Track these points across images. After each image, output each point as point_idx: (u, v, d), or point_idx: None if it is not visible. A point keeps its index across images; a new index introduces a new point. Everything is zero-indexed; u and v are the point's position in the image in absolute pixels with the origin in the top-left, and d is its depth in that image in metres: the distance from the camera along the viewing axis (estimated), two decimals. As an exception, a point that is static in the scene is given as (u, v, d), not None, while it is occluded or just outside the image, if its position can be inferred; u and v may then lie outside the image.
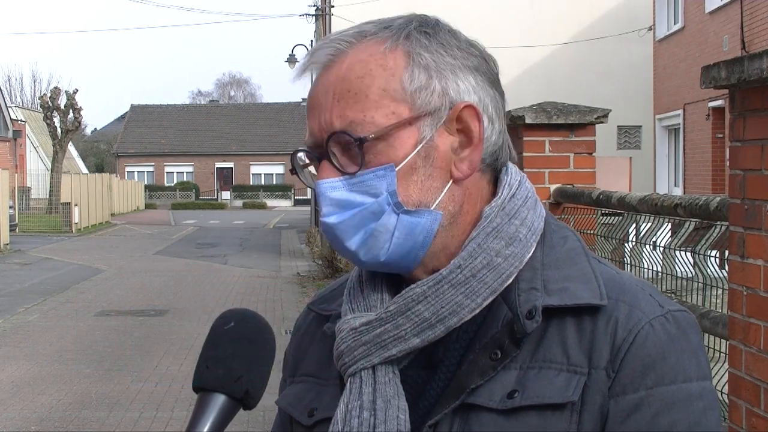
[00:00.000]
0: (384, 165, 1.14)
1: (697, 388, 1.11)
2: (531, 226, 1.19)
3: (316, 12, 26.55)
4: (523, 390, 1.10)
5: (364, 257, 1.17)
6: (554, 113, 5.47)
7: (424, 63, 1.16)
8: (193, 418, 1.12)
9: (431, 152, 1.16)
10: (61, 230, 31.95)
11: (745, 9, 17.85)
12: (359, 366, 1.17)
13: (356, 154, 1.14)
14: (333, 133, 1.15)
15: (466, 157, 1.17)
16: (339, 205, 1.15)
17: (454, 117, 1.17)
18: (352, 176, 1.15)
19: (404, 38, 1.17)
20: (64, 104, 42.81)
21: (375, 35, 1.17)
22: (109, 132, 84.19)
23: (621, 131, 26.88)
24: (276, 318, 12.43)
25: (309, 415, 1.24)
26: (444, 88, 1.16)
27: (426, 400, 1.16)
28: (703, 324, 3.57)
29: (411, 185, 1.15)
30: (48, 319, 12.77)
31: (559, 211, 5.53)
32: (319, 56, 1.19)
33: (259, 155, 69.13)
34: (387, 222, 1.15)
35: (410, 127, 1.15)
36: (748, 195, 3.04)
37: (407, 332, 1.15)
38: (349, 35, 1.18)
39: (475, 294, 1.15)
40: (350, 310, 1.21)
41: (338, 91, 1.16)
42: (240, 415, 0.99)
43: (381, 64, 1.15)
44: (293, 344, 1.37)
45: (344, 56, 1.17)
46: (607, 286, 1.15)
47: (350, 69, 1.16)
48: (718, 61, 3.13)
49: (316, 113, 1.18)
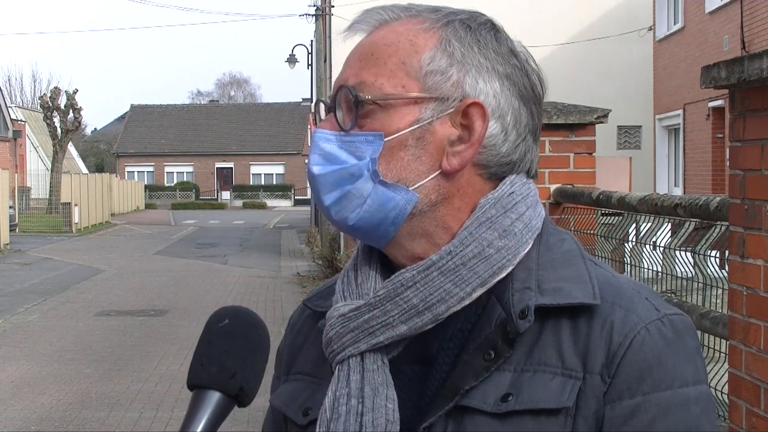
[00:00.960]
0: (375, 131, 1.16)
1: (693, 393, 1.10)
2: (528, 222, 1.18)
3: (316, 12, 26.54)
4: (517, 393, 1.10)
5: (335, 216, 1.19)
6: (554, 113, 5.47)
7: (450, 50, 1.17)
8: (188, 415, 1.11)
9: (426, 135, 1.16)
10: (61, 230, 31.94)
11: (745, 9, 17.84)
12: (347, 353, 1.17)
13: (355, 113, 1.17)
14: (341, 87, 1.18)
15: (459, 152, 1.17)
16: (326, 157, 1.18)
17: (461, 110, 1.17)
18: (345, 134, 1.17)
19: (444, 24, 1.19)
20: (64, 104, 42.81)
21: (420, 14, 1.21)
22: (109, 132, 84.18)
23: (621, 131, 26.87)
24: (276, 318, 12.43)
25: (304, 414, 1.24)
26: (460, 80, 1.17)
27: (421, 399, 1.16)
28: (703, 324, 3.57)
29: (395, 160, 1.16)
30: (48, 319, 12.77)
31: (559, 211, 5.53)
32: (367, 19, 1.23)
33: (259, 155, 69.15)
34: (362, 187, 1.16)
35: (413, 105, 1.16)
36: (748, 195, 3.04)
37: (395, 319, 1.15)
38: (399, 8, 1.22)
39: (464, 283, 1.14)
40: (342, 298, 1.21)
41: (365, 53, 1.19)
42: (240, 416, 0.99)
43: (411, 39, 1.18)
44: (287, 341, 1.36)
45: (386, 25, 1.21)
46: (603, 289, 1.14)
47: (383, 36, 1.19)
48: (718, 61, 3.13)
49: (344, 69, 1.21)
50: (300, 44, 32.89)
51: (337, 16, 24.65)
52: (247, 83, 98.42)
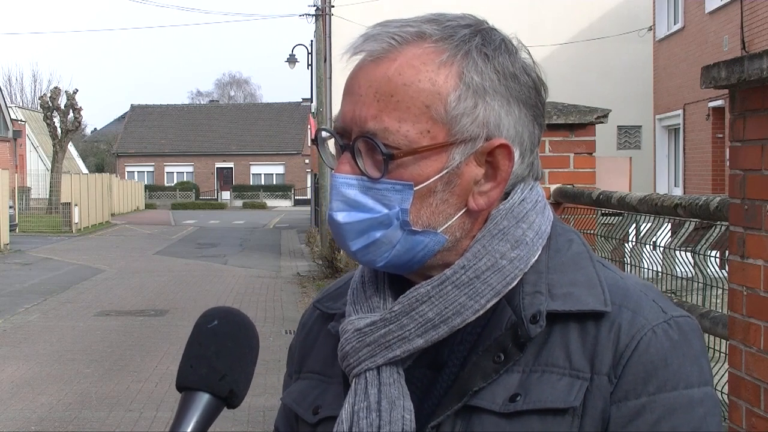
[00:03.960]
0: (404, 181, 1.13)
1: (698, 395, 1.11)
2: (538, 230, 1.18)
3: (316, 12, 26.53)
4: (525, 394, 1.10)
5: (362, 258, 1.17)
6: (554, 113, 5.47)
7: (474, 88, 1.13)
8: (177, 417, 1.11)
9: (454, 179, 1.14)
10: (61, 230, 31.95)
11: (745, 9, 17.85)
12: (364, 367, 1.17)
13: (381, 161, 1.12)
14: (364, 134, 1.13)
15: (486, 192, 1.16)
16: (350, 204, 1.15)
17: (487, 150, 1.15)
18: (371, 181, 1.13)
19: (462, 56, 1.13)
20: (64, 104, 42.84)
21: (435, 44, 1.14)
22: (109, 132, 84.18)
23: (621, 131, 26.88)
24: (276, 318, 12.43)
25: (314, 413, 1.25)
26: (485, 118, 1.14)
27: (430, 400, 1.17)
28: (703, 324, 3.57)
29: (425, 207, 1.14)
30: (48, 319, 12.77)
31: (559, 211, 5.53)
32: (373, 47, 1.15)
33: (259, 155, 69.16)
34: (392, 235, 1.15)
35: (441, 151, 1.13)
36: (748, 195, 3.04)
37: (411, 333, 1.15)
38: (409, 33, 1.14)
39: (478, 295, 1.15)
40: (354, 311, 1.22)
41: (381, 92, 1.13)
42: (240, 415, 0.99)
43: (431, 78, 1.12)
44: (299, 340, 1.37)
45: (397, 54, 1.13)
46: (611, 291, 1.15)
47: (399, 72, 1.12)
48: (718, 61, 3.13)
49: (354, 101, 1.15)
50: (300, 44, 32.87)
51: (337, 16, 24.64)
52: (247, 83, 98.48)
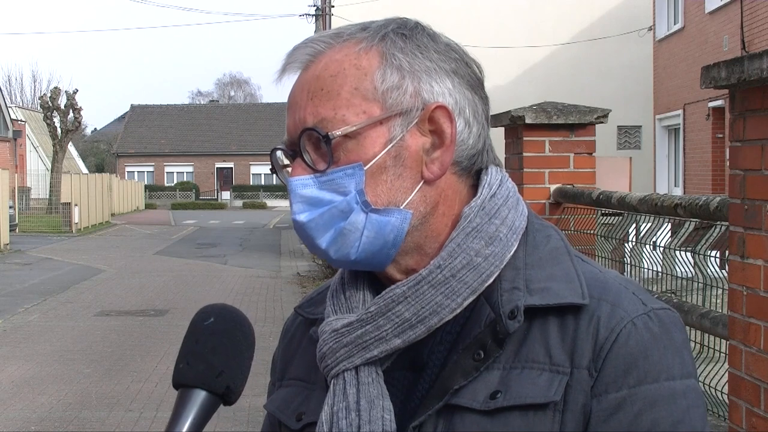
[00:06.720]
0: (353, 163, 1.14)
1: (681, 387, 1.10)
2: (512, 225, 1.19)
3: (316, 12, 26.55)
4: (505, 390, 1.10)
5: (335, 255, 1.17)
6: (554, 113, 5.48)
7: (397, 63, 1.16)
8: (174, 414, 1.11)
9: (402, 152, 1.16)
10: (61, 230, 31.95)
11: (745, 9, 17.85)
12: (342, 367, 1.18)
13: (326, 153, 1.15)
14: (305, 130, 1.16)
15: (438, 158, 1.17)
16: (309, 202, 1.16)
17: (426, 118, 1.17)
18: (322, 174, 1.15)
19: (380, 39, 1.18)
20: (64, 104, 42.86)
21: (352, 36, 1.19)
22: (109, 132, 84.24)
23: (621, 131, 26.88)
24: (276, 318, 12.43)
25: (297, 419, 1.25)
26: (417, 89, 1.16)
27: (412, 402, 1.17)
28: (703, 324, 3.58)
29: (380, 184, 1.15)
30: (48, 319, 12.77)
31: (559, 211, 5.53)
32: (298, 56, 1.20)
33: (259, 155, 69.12)
34: (356, 220, 1.15)
35: (381, 126, 1.15)
36: (748, 195, 3.05)
37: (388, 333, 1.16)
38: (327, 36, 1.20)
39: (455, 294, 1.15)
40: (333, 312, 1.22)
41: (312, 89, 1.17)
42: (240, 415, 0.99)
43: (354, 63, 1.16)
44: (281, 348, 1.37)
45: (321, 56, 1.18)
46: (590, 284, 1.15)
47: (325, 68, 1.17)
48: (718, 61, 3.13)
49: (293, 111, 1.19)
50: (300, 44, 32.87)
51: (337, 16, 24.65)
52: (247, 83, 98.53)
